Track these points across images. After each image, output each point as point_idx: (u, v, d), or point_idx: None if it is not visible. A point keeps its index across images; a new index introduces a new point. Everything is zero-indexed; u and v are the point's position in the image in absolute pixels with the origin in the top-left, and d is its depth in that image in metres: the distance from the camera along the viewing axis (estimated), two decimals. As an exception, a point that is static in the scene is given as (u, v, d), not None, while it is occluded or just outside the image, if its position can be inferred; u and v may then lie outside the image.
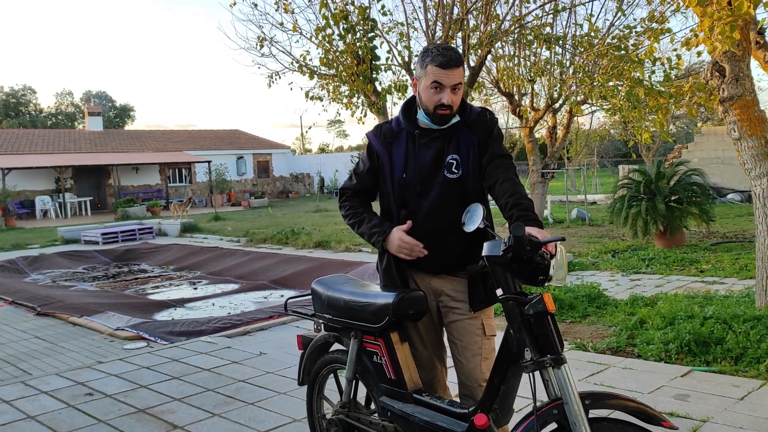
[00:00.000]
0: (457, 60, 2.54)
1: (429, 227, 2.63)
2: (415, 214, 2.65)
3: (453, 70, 2.53)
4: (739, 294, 6.18)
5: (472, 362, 2.60)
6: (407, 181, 2.66)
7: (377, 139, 2.77)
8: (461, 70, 2.57)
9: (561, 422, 2.10)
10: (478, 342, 2.61)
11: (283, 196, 37.03)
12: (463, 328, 2.63)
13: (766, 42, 5.31)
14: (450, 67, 2.52)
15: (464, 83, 2.63)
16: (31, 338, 6.53)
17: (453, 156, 2.61)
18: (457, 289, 2.65)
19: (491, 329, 2.66)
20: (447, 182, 2.60)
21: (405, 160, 2.68)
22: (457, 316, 2.64)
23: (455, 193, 2.60)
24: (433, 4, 8.06)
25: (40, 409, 4.35)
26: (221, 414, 4.10)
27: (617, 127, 25.98)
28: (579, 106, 11.79)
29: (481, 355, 2.60)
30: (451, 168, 2.60)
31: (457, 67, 2.54)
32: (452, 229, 2.57)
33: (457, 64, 2.53)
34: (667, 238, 9.82)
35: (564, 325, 5.75)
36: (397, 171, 2.68)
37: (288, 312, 3.29)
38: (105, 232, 15.96)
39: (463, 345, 2.62)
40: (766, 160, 5.12)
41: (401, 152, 2.69)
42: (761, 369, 4.21)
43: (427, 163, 2.64)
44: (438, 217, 2.62)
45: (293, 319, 6.49)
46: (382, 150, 2.73)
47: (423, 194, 2.64)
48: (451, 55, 2.53)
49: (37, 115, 54.62)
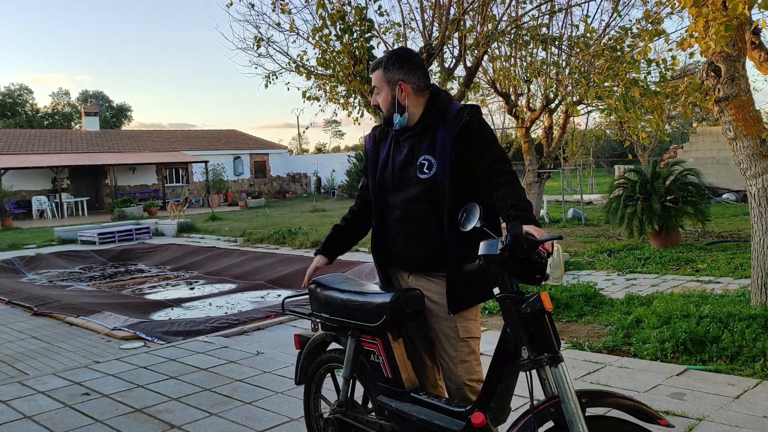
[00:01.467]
0: (372, 66, 2.75)
1: (402, 226, 2.68)
2: (391, 211, 2.73)
3: (371, 74, 2.75)
4: (734, 293, 6.20)
5: (449, 365, 2.62)
6: (385, 180, 2.74)
7: (370, 140, 2.90)
8: (375, 74, 2.72)
9: (558, 420, 2.10)
10: (453, 344, 2.61)
11: (280, 196, 37.00)
12: (438, 330, 2.65)
13: (761, 42, 5.33)
14: (370, 72, 2.77)
15: (384, 85, 2.71)
16: (28, 338, 6.53)
17: (426, 156, 2.62)
18: (432, 290, 2.65)
19: (467, 331, 2.62)
20: (419, 182, 2.62)
21: (386, 159, 2.76)
22: (433, 317, 2.66)
23: (428, 193, 2.59)
24: (429, 5, 8.07)
25: (37, 409, 4.35)
26: (218, 413, 4.10)
27: (613, 128, 26.01)
28: (575, 107, 11.82)
29: (457, 357, 2.60)
30: (422, 168, 2.61)
31: (372, 72, 2.74)
32: (426, 230, 2.60)
33: (371, 69, 2.76)
34: (663, 238, 9.84)
35: (560, 324, 5.76)
36: (379, 168, 2.78)
37: (285, 311, 3.30)
38: (102, 232, 15.93)
39: (441, 347, 2.65)
40: (761, 160, 5.14)
41: (384, 152, 2.78)
42: (757, 368, 4.23)
43: (400, 162, 2.69)
44: (411, 216, 2.65)
45: (290, 318, 6.50)
46: (371, 150, 2.87)
47: (397, 193, 2.70)
48: (373, 62, 2.79)
49: (33, 115, 54.47)
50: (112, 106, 57.10)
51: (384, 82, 2.67)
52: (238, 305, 8.10)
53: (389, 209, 2.73)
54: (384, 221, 2.76)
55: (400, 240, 2.69)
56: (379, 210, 2.78)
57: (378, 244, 2.82)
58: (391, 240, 2.74)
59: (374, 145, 2.86)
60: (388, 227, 2.74)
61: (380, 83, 2.69)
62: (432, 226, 2.58)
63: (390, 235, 2.74)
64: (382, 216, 2.77)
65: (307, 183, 38.73)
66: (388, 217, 2.74)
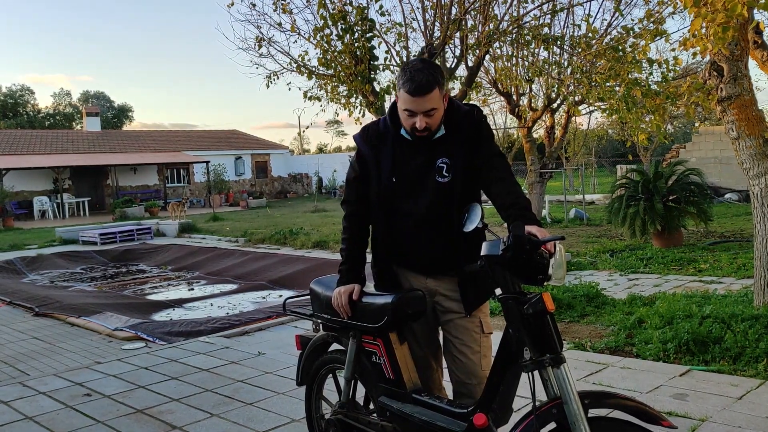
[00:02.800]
0: (427, 86, 2.41)
1: (422, 232, 2.62)
2: (407, 218, 2.63)
3: (423, 98, 2.42)
4: (737, 293, 6.18)
5: (472, 360, 2.59)
6: (397, 185, 2.62)
7: (364, 143, 2.72)
8: (434, 94, 2.43)
9: (560, 422, 2.10)
10: (477, 339, 2.61)
11: (281, 196, 37.01)
12: (462, 326, 2.62)
13: (764, 41, 5.31)
14: (419, 95, 2.43)
15: (441, 102, 2.50)
16: (29, 339, 6.52)
17: (443, 159, 2.57)
18: (452, 288, 2.64)
19: (488, 327, 2.65)
20: (438, 186, 2.57)
21: (393, 164, 2.63)
22: (455, 315, 2.64)
23: (446, 197, 2.57)
24: (431, 5, 8.06)
25: (39, 409, 4.34)
26: (220, 414, 4.10)
27: (615, 127, 26.01)
28: (577, 107, 11.81)
29: (480, 352, 2.60)
30: (441, 172, 2.57)
31: (428, 93, 2.42)
32: (445, 232, 2.58)
33: (426, 90, 2.41)
34: (665, 238, 9.83)
35: (562, 324, 5.75)
36: (386, 174, 2.64)
37: (286, 312, 3.29)
38: (103, 233, 15.93)
39: (462, 343, 2.61)
40: (764, 160, 5.13)
41: (389, 155, 2.64)
42: (759, 368, 4.21)
43: (417, 167, 2.60)
44: (431, 221, 2.60)
45: (292, 319, 6.48)
46: (369, 154, 2.68)
47: (414, 199, 2.61)
48: (421, 80, 2.41)
49: (35, 116, 54.50)
50: (114, 107, 57.13)
51: (440, 99, 2.47)
52: (239, 306, 8.09)
53: (401, 216, 2.63)
54: (394, 228, 2.66)
55: (420, 246, 2.63)
56: (386, 217, 2.66)
57: (385, 248, 2.72)
58: (407, 246, 2.66)
59: (372, 149, 2.68)
60: (400, 234, 2.65)
61: (438, 101, 2.46)
62: (450, 229, 2.55)
63: (404, 241, 2.65)
64: (390, 223, 2.66)
65: (309, 183, 38.73)
66: (399, 224, 2.64)
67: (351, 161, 2.82)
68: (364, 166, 2.72)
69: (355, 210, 2.78)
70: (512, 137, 23.53)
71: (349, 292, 2.72)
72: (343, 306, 2.71)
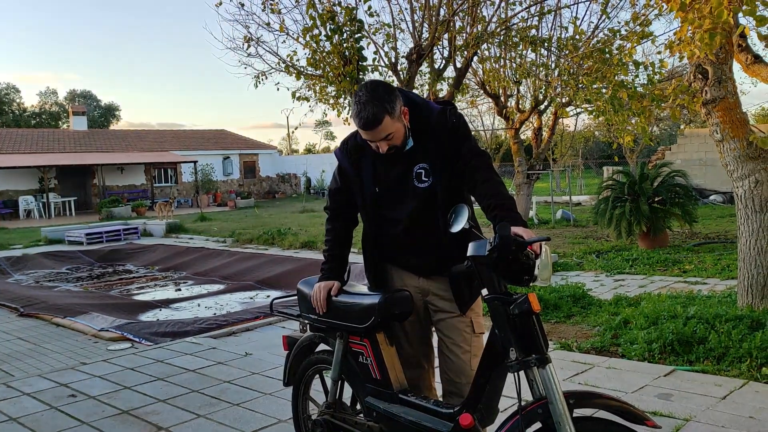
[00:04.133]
0: (374, 120, 2.41)
1: (410, 237, 2.67)
2: (396, 225, 2.68)
3: (374, 130, 2.45)
4: (721, 294, 6.24)
5: (462, 359, 2.62)
6: (380, 194, 2.69)
7: (345, 157, 2.77)
8: (385, 124, 2.43)
9: (545, 422, 2.11)
10: (468, 339, 2.63)
11: (269, 196, 36.88)
12: (453, 325, 2.65)
13: (748, 45, 5.37)
14: (369, 129, 2.46)
15: (396, 123, 2.49)
16: (14, 339, 6.47)
17: (421, 165, 2.61)
18: (445, 288, 2.66)
19: (480, 327, 2.68)
20: (419, 192, 2.61)
21: (374, 175, 2.69)
22: (446, 314, 2.66)
23: (429, 201, 2.60)
24: (419, 6, 8.09)
25: (22, 410, 4.31)
26: (206, 415, 4.08)
27: (602, 129, 26.17)
28: (564, 108, 11.86)
29: (470, 352, 2.62)
30: (420, 177, 2.61)
31: (377, 126, 2.43)
32: (433, 235, 2.61)
33: (373, 125, 2.42)
34: (651, 239, 9.90)
35: (549, 325, 5.78)
36: (368, 185, 2.70)
37: (274, 312, 3.29)
38: (89, 233, 15.81)
39: (453, 342, 2.64)
40: (748, 162, 5.18)
41: (369, 166, 2.70)
42: (743, 368, 4.26)
43: (396, 176, 2.65)
44: (417, 226, 2.64)
45: (279, 319, 6.47)
46: (350, 168, 2.75)
47: (398, 206, 2.66)
48: (367, 117, 2.42)
49: (20, 114, 54.00)
50: (100, 106, 56.70)
51: (395, 122, 2.48)
52: (226, 306, 8.07)
53: (389, 224, 2.70)
54: (384, 234, 2.73)
55: (408, 251, 2.70)
56: (376, 225, 2.74)
57: (378, 250, 2.78)
58: (398, 250, 2.73)
59: (351, 164, 2.73)
60: (390, 239, 2.72)
61: (393, 126, 2.49)
62: (438, 232, 2.58)
63: (394, 245, 2.72)
64: (380, 230, 2.74)
65: (297, 183, 38.64)
66: (389, 231, 2.71)
67: (334, 172, 2.88)
68: (345, 180, 2.80)
69: (337, 214, 2.87)
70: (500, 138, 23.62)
71: (328, 288, 2.79)
72: (320, 301, 2.78)
